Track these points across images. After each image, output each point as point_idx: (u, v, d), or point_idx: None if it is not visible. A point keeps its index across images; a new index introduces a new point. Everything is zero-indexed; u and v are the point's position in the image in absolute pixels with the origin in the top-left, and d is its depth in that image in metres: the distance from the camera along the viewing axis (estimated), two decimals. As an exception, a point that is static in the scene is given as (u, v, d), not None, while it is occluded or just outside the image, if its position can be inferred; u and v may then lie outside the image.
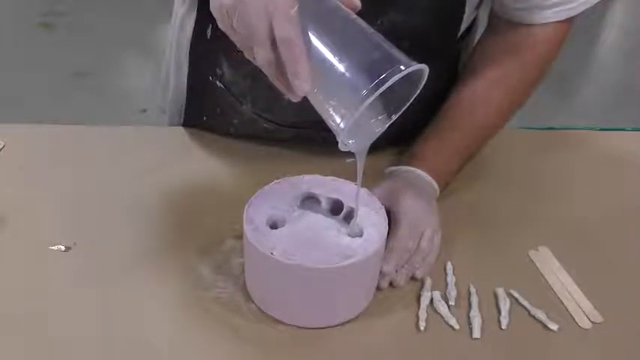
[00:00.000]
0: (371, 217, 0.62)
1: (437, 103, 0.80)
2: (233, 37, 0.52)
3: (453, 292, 0.65)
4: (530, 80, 0.79)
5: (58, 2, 2.95)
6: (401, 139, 0.80)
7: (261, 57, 0.50)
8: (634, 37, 3.18)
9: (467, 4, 0.74)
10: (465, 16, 0.76)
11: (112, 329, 0.60)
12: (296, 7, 0.48)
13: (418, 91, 0.52)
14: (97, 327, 0.60)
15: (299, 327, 0.61)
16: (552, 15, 0.73)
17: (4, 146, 0.82)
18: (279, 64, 0.50)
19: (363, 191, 0.64)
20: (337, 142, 0.53)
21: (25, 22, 2.84)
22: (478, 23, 0.84)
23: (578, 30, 0.79)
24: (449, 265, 0.69)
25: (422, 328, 0.62)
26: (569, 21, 0.75)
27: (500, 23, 0.77)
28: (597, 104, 2.57)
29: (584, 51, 2.90)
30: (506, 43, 0.77)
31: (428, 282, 0.66)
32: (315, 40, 0.50)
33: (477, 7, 0.78)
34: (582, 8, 0.73)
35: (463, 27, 0.78)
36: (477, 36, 0.84)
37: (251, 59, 0.52)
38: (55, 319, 0.61)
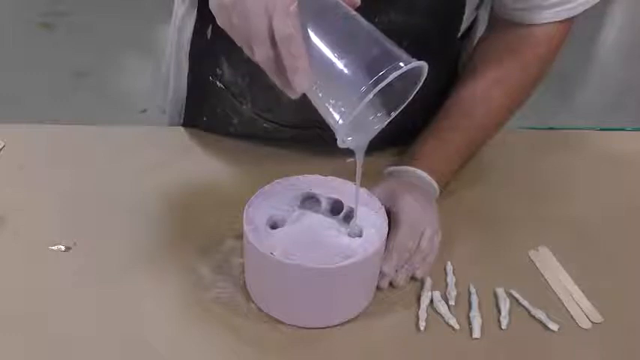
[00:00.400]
0: (371, 217, 0.62)
1: (437, 102, 0.80)
2: (232, 34, 0.52)
3: (453, 292, 0.65)
4: (530, 80, 0.79)
5: (58, 2, 2.95)
6: (400, 138, 0.80)
7: (260, 53, 0.50)
8: (634, 37, 3.18)
9: (467, 5, 0.74)
10: (465, 16, 0.76)
11: (112, 329, 0.60)
12: (295, 4, 0.48)
13: (417, 89, 0.52)
14: (97, 327, 0.60)
15: (299, 327, 0.61)
16: (552, 15, 0.73)
17: (4, 146, 0.82)
18: (278, 60, 0.50)
19: (363, 191, 0.64)
20: (337, 141, 0.53)
21: (25, 22, 2.83)
22: (478, 23, 0.84)
23: (578, 30, 0.79)
24: (449, 265, 0.69)
25: (422, 328, 0.62)
26: (569, 21, 0.75)
27: (500, 23, 0.77)
28: (597, 104, 2.57)
29: (584, 51, 2.90)
30: (506, 43, 0.77)
31: (428, 282, 0.66)
32: (314, 37, 0.50)
33: (477, 7, 0.78)
34: (582, 8, 0.73)
35: (463, 27, 0.78)
36: (477, 36, 0.84)
37: (250, 56, 0.52)
38: (55, 318, 0.61)
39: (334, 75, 0.49)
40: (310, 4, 0.50)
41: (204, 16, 0.77)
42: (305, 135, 0.81)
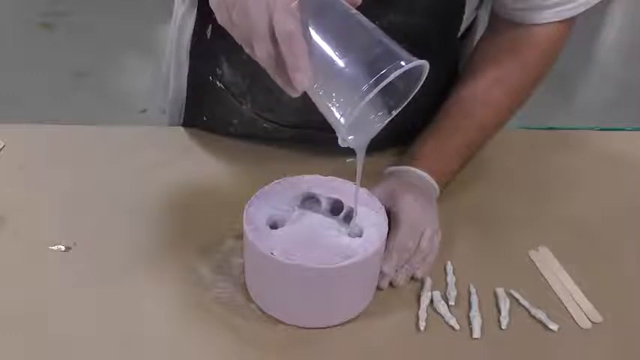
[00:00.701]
0: (371, 217, 0.62)
1: (437, 102, 0.80)
2: (232, 32, 0.52)
3: (453, 292, 0.65)
4: (530, 80, 0.79)
5: (58, 2, 2.95)
6: (401, 138, 0.80)
7: (260, 51, 0.50)
8: (634, 37, 3.18)
9: (467, 5, 0.74)
10: (465, 17, 0.76)
11: (112, 329, 0.60)
12: (296, 1, 0.48)
13: (418, 87, 0.52)
14: (97, 327, 0.60)
15: (299, 327, 0.61)
16: (552, 15, 0.73)
17: (4, 146, 0.82)
18: (279, 58, 0.50)
19: (363, 191, 0.64)
20: (337, 142, 0.52)
21: (25, 22, 2.83)
22: (478, 23, 0.84)
23: (578, 30, 0.79)
24: (449, 265, 0.69)
25: (422, 328, 0.62)
26: (570, 21, 0.75)
27: (501, 23, 0.77)
28: (597, 104, 2.57)
29: (584, 51, 2.90)
30: (506, 43, 0.77)
31: (428, 282, 0.66)
32: (315, 35, 0.49)
33: (477, 7, 0.78)
34: (582, 8, 0.73)
35: (463, 27, 0.78)
36: (477, 36, 0.84)
37: (251, 54, 0.52)
38: (55, 319, 0.61)
39: (335, 73, 0.49)
40: (311, 2, 0.50)
41: (204, 15, 0.77)
42: (305, 135, 0.81)
